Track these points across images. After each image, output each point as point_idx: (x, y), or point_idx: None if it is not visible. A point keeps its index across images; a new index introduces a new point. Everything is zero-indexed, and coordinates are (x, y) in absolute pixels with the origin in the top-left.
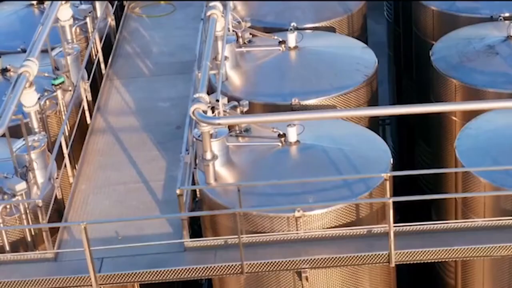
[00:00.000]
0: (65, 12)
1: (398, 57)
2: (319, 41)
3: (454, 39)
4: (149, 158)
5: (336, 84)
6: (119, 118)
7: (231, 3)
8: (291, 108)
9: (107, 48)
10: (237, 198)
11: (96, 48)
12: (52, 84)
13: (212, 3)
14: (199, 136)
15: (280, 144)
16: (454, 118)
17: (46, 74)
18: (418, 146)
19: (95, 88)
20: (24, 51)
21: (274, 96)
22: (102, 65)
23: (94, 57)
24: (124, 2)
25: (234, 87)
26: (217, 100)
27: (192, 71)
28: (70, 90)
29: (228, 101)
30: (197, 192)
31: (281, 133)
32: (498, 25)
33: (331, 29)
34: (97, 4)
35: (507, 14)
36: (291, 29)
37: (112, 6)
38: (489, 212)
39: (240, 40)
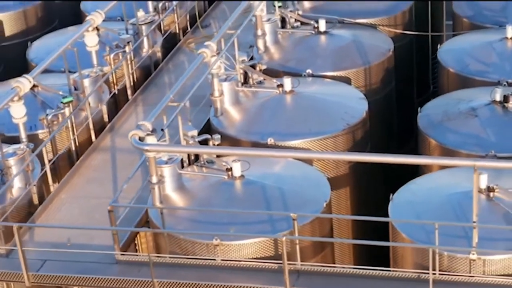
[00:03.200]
0: (91, 39)
1: None
2: (318, 88)
3: (447, 99)
4: (133, 177)
5: (316, 129)
6: (124, 139)
7: (261, 45)
8: (266, 147)
9: (145, 76)
10: (171, 220)
11: (124, 73)
12: (61, 102)
13: (206, 43)
14: None
15: (226, 177)
16: None
17: (60, 93)
18: None
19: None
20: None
21: (255, 134)
22: (129, 91)
23: (131, 83)
24: (181, 36)
25: (227, 122)
26: (162, 130)
27: (210, 104)
28: (83, 110)
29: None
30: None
31: (229, 167)
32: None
33: (346, 80)
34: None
35: None
36: (304, 75)
37: (164, 37)
38: (407, 265)
39: (250, 80)
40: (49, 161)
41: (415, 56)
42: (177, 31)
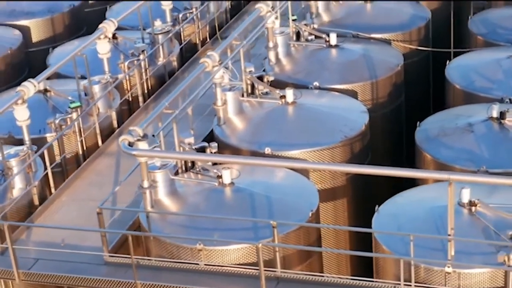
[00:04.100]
0: (103, 46)
1: None
2: (320, 100)
3: (447, 115)
4: (133, 181)
5: (313, 140)
6: None
7: (273, 57)
8: (263, 156)
9: (160, 84)
10: (161, 224)
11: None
12: (69, 107)
13: (209, 53)
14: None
15: (216, 184)
16: None
17: (69, 98)
18: None
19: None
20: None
21: (254, 143)
22: (140, 98)
23: (144, 90)
24: (199, 46)
25: (229, 131)
26: (153, 135)
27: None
28: (92, 115)
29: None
30: None
31: (220, 174)
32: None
33: (353, 93)
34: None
35: None
36: (311, 87)
37: (181, 47)
38: (387, 276)
39: (257, 91)
40: (51, 163)
41: (431, 71)
42: (197, 42)
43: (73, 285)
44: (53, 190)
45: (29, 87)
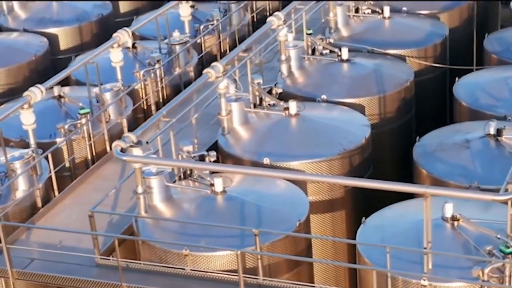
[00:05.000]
0: (116, 55)
1: None
2: (323, 113)
3: (446, 131)
4: (132, 187)
5: (312, 152)
6: None
7: (285, 70)
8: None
9: (175, 93)
10: (153, 229)
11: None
12: (79, 113)
13: (213, 64)
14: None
15: (209, 191)
16: None
17: (80, 104)
18: None
19: None
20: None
21: (254, 153)
22: (153, 107)
23: (159, 99)
24: (219, 58)
25: (232, 141)
26: (147, 142)
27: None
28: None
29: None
30: None
31: (212, 182)
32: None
33: (360, 107)
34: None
35: None
36: (318, 100)
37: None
38: (368, 287)
39: (264, 103)
40: (60, 167)
41: (448, 87)
42: (217, 53)
43: (64, 285)
44: (57, 193)
45: (36, 92)
